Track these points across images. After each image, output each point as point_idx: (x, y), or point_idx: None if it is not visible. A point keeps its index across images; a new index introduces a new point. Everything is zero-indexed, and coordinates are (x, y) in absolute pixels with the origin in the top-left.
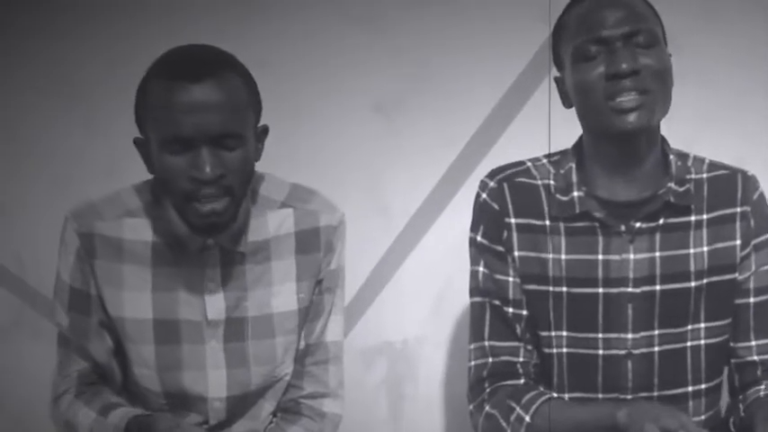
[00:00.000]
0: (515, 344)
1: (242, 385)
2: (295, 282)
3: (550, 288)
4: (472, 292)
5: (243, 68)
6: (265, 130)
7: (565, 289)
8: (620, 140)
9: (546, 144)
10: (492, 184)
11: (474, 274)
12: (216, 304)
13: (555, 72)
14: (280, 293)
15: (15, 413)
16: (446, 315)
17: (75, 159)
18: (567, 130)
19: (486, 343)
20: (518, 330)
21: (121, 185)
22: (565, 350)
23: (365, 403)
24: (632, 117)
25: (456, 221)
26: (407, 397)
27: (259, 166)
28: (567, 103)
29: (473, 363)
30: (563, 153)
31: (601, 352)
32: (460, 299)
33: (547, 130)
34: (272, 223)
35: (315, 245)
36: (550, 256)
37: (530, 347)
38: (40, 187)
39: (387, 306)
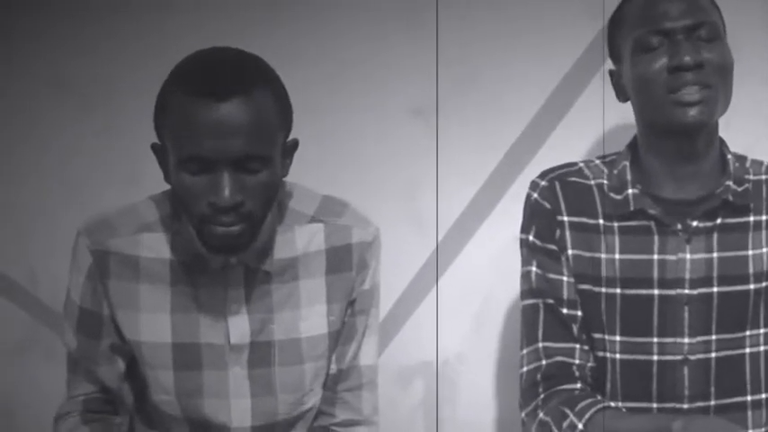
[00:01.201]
0: (571, 345)
1: (268, 415)
2: (325, 303)
3: (603, 289)
4: (524, 294)
5: (274, 80)
6: (295, 145)
7: (618, 290)
8: (678, 136)
9: (594, 148)
10: (543, 183)
11: (526, 276)
12: (239, 327)
13: (609, 65)
14: (309, 316)
15: None
16: (488, 332)
17: (92, 166)
18: (618, 134)
19: (540, 344)
20: (574, 331)
21: (138, 197)
22: (618, 356)
23: (401, 427)
24: (694, 111)
25: (498, 232)
26: (446, 420)
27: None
28: (622, 97)
29: (525, 368)
30: (617, 154)
31: (655, 357)
32: (503, 314)
33: (595, 133)
34: (300, 239)
35: (347, 263)
36: (603, 255)
37: (586, 348)
38: (54, 196)
39: (424, 323)
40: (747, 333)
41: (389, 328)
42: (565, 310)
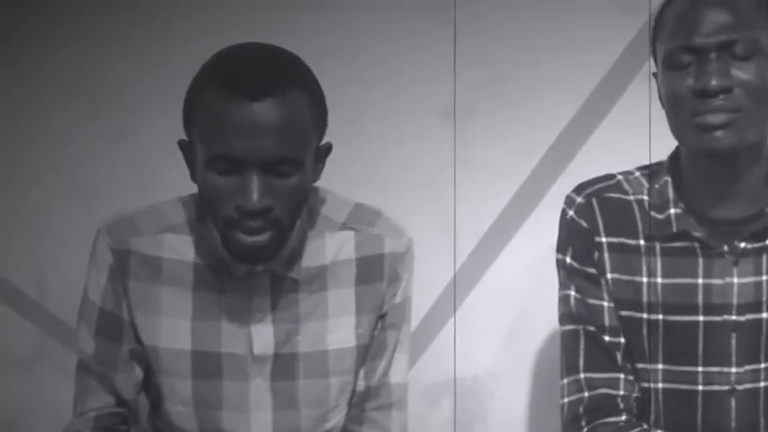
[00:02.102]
0: (614, 375)
1: (289, 430)
2: (354, 315)
3: (645, 315)
4: (563, 319)
5: (311, 81)
6: (328, 149)
7: (661, 317)
8: (711, 158)
9: (636, 154)
10: (579, 199)
11: (564, 300)
12: (263, 337)
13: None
14: (336, 328)
15: None
16: (521, 347)
17: (102, 171)
18: (662, 139)
19: (582, 375)
20: (617, 359)
21: (159, 199)
22: (661, 385)
23: None
24: (719, 134)
25: (532, 242)
26: None
27: None
28: (661, 103)
29: (566, 399)
30: (658, 164)
31: (701, 388)
32: (537, 329)
33: (636, 138)
34: (330, 247)
35: (378, 274)
36: (645, 279)
37: (631, 378)
38: (64, 203)
39: (454, 337)
40: None
41: (417, 343)
42: (607, 338)
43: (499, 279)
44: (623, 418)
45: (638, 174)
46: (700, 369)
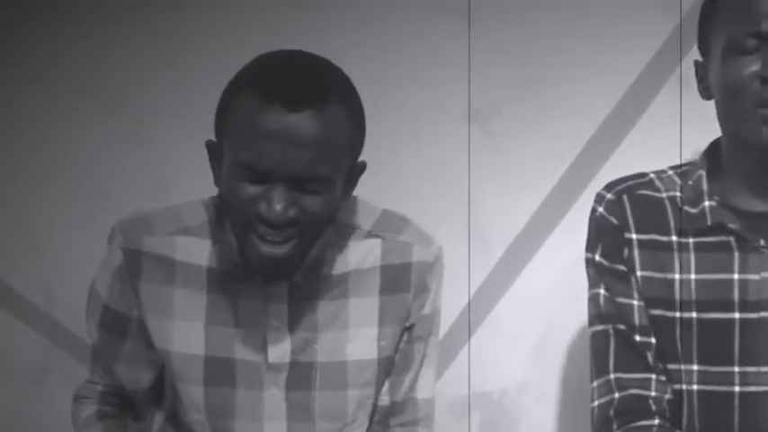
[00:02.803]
0: (646, 375)
1: None
2: (377, 326)
3: (678, 314)
4: (592, 320)
5: (352, 97)
6: (362, 169)
7: (695, 315)
8: (762, 151)
9: (672, 157)
10: (609, 196)
11: (594, 299)
12: (279, 345)
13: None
14: (357, 338)
15: None
16: (551, 360)
17: (114, 175)
18: (696, 140)
19: (612, 376)
20: (649, 359)
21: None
22: (695, 387)
23: None
24: None
25: (562, 249)
26: None
27: None
28: (705, 93)
29: (596, 402)
30: (692, 163)
31: (737, 389)
32: (568, 341)
33: (671, 140)
34: (354, 255)
35: (404, 283)
36: (678, 276)
37: (663, 379)
38: (74, 209)
39: (481, 349)
40: None
41: (443, 354)
42: (637, 337)
43: (528, 288)
44: (656, 422)
45: (670, 172)
46: (736, 369)
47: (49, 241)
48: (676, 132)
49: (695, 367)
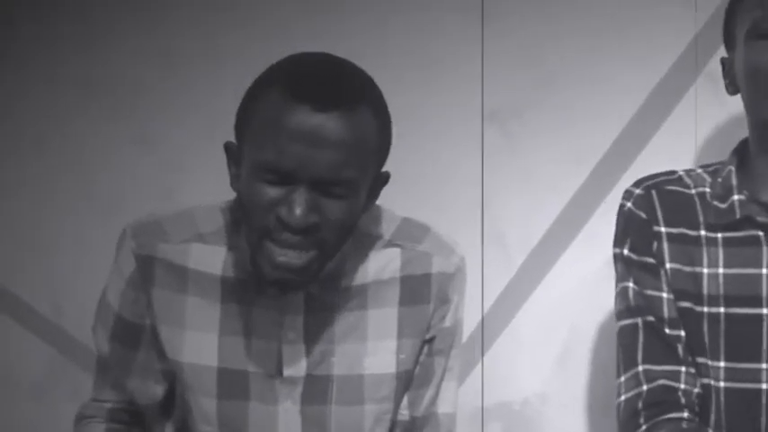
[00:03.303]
0: (675, 367)
1: None
2: (395, 338)
3: (705, 309)
4: (621, 315)
5: (380, 103)
6: (386, 179)
7: (722, 309)
8: None
9: (698, 160)
10: (638, 191)
11: (622, 293)
12: (295, 358)
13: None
14: (375, 351)
15: None
16: (574, 369)
17: (124, 178)
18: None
19: (641, 368)
20: (679, 352)
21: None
22: (722, 384)
23: None
24: None
25: (585, 255)
26: None
27: None
28: (732, 88)
29: (623, 397)
30: (721, 162)
31: (765, 386)
32: (591, 349)
33: (697, 142)
34: (373, 265)
35: (424, 295)
36: (705, 270)
37: (693, 371)
38: (82, 214)
39: (502, 358)
40: None
41: (466, 363)
42: (667, 330)
43: (550, 295)
44: (685, 414)
45: (700, 170)
46: (764, 366)
47: (56, 248)
48: (703, 136)
49: (722, 364)
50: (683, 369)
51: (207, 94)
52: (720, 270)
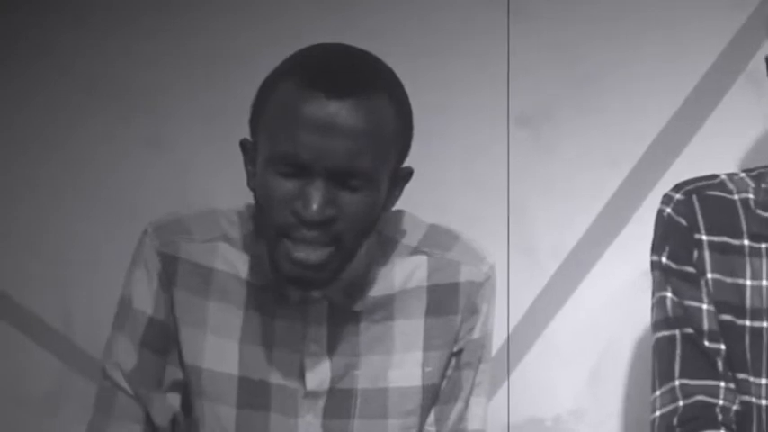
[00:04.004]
0: (714, 382)
1: None
2: (421, 350)
3: (747, 322)
4: (657, 326)
5: (399, 92)
6: (408, 175)
7: (765, 324)
8: None
9: (741, 163)
10: (678, 196)
11: (659, 303)
12: (318, 371)
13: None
14: (401, 364)
15: None
16: (609, 384)
17: (137, 183)
18: (762, 146)
19: (677, 382)
20: (718, 366)
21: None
22: (764, 402)
23: None
24: None
25: (620, 265)
26: None
27: None
28: None
29: (659, 412)
30: (765, 166)
31: None
32: (626, 364)
33: (739, 145)
34: (399, 274)
35: (452, 305)
36: (749, 282)
37: (732, 387)
38: (94, 221)
39: (533, 372)
40: None
41: (495, 378)
42: (706, 343)
43: (583, 306)
44: None
45: (743, 174)
46: None
47: (66, 256)
48: (745, 139)
49: (764, 380)
50: (722, 384)
51: (223, 95)
52: (764, 282)
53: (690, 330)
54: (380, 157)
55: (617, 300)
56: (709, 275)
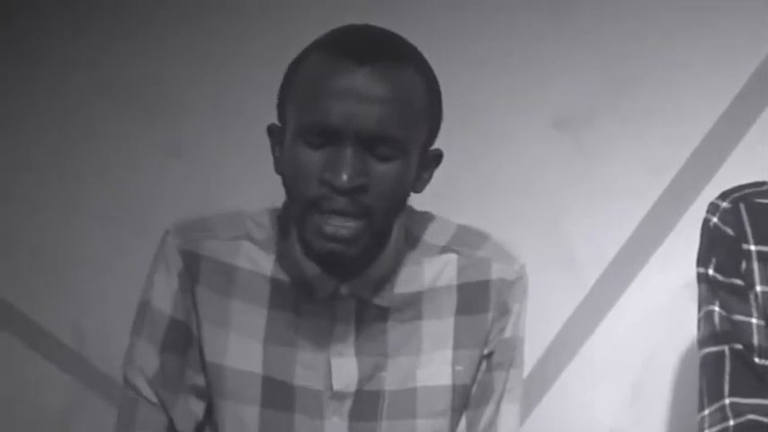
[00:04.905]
0: (766, 401)
1: None
2: (451, 349)
3: None
4: (705, 341)
5: (428, 69)
6: (438, 157)
7: None
8: None
9: None
10: (725, 204)
11: (707, 318)
12: (345, 372)
13: None
14: (430, 362)
15: None
16: (651, 401)
17: (155, 191)
18: None
19: (727, 401)
20: None
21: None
22: None
23: None
24: None
25: (663, 275)
26: None
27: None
28: None
29: None
30: None
31: None
32: (670, 380)
33: None
34: (428, 272)
35: (483, 303)
36: None
37: None
38: (108, 231)
39: (571, 388)
40: None
41: (531, 394)
42: (757, 359)
43: (625, 319)
44: None
45: None
46: None
47: (79, 269)
48: None
49: None
50: None
51: (241, 101)
52: None
53: (739, 346)
54: (410, 127)
55: (659, 313)
56: (759, 288)
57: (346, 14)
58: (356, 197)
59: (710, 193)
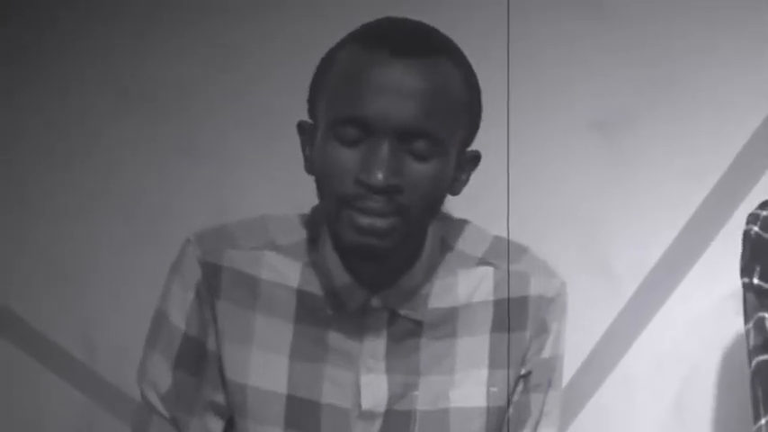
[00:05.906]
0: None
1: None
2: (487, 368)
3: None
4: (757, 350)
5: (466, 63)
6: (475, 158)
7: None
8: None
9: None
10: (765, 213)
11: (758, 326)
12: (375, 390)
13: None
14: (464, 382)
15: None
16: (692, 418)
17: (170, 195)
18: None
19: None
20: None
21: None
22: None
23: None
24: None
25: (706, 287)
26: None
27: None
28: None
29: None
30: None
31: None
32: (714, 395)
33: None
34: (463, 286)
35: (520, 321)
36: None
37: None
38: (121, 240)
39: (609, 404)
40: None
41: (568, 410)
42: None
43: (665, 331)
44: None
45: None
46: None
47: (90, 278)
48: None
49: None
50: None
51: (258, 101)
52: None
53: None
54: (448, 123)
55: (702, 323)
56: None
57: (365, 14)
58: (392, 196)
59: (754, 198)
